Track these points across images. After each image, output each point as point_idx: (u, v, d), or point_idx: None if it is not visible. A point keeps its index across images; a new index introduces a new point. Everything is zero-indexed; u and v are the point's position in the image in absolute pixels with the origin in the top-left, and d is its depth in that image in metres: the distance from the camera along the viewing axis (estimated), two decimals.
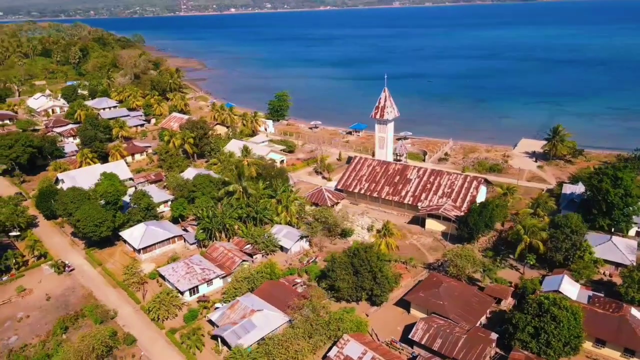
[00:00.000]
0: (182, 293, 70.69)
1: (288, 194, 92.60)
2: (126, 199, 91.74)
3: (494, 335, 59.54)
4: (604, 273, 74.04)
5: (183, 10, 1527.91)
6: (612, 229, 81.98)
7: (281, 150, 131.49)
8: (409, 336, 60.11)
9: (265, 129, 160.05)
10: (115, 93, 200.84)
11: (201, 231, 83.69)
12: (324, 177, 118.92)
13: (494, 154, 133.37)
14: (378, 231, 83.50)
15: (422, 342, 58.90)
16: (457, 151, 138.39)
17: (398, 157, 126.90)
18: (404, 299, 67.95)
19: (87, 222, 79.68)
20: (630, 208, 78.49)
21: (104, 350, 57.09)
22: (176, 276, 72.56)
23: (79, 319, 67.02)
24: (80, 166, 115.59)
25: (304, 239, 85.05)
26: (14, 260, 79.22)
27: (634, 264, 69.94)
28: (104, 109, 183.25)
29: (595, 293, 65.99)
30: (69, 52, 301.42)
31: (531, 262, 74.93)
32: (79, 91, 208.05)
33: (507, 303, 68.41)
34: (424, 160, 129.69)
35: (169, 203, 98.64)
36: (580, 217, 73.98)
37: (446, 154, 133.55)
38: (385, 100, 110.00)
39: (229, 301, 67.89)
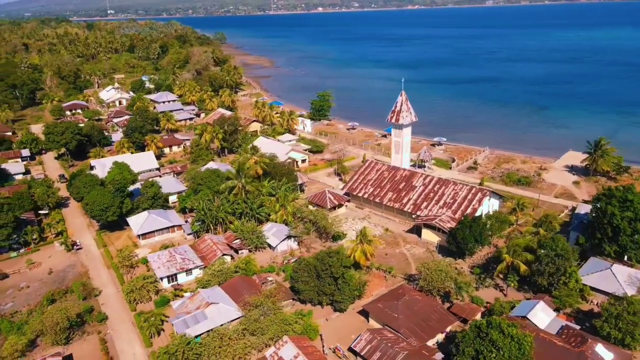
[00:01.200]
0: (161, 279, 75.07)
1: (285, 192, 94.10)
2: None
3: (439, 355, 57.04)
4: (596, 304, 67.34)
5: (272, 9, 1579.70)
6: (625, 257, 73.96)
7: (305, 150, 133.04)
8: (351, 346, 59.41)
9: (304, 128, 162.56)
10: (177, 88, 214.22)
11: (196, 222, 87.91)
12: (341, 179, 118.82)
13: (529, 166, 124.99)
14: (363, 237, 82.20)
15: (362, 353, 57.91)
16: (491, 160, 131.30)
17: (422, 163, 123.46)
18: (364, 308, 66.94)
19: (94, 206, 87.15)
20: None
21: (66, 324, 62.26)
22: (158, 263, 77.15)
23: (67, 293, 73.69)
24: (117, 154, 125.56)
25: (292, 239, 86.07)
26: (33, 236, 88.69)
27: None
28: (162, 102, 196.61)
29: (570, 324, 60.43)
30: (150, 49, 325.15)
31: (511, 284, 70.08)
32: (147, 85, 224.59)
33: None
34: (450, 168, 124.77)
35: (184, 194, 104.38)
36: (565, 240, 67.87)
37: (475, 162, 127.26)
38: (401, 105, 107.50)
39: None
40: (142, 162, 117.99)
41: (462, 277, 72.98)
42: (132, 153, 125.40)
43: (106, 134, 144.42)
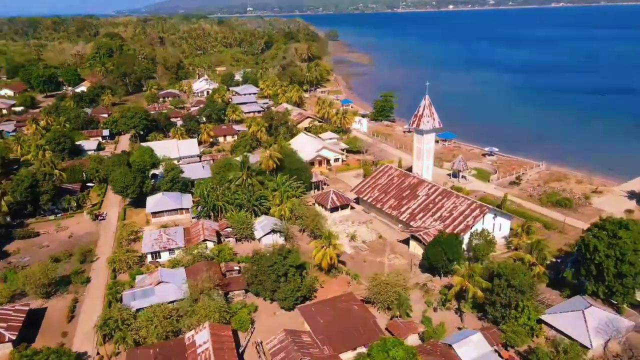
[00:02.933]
0: (145, 255, 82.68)
1: (287, 188, 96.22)
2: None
3: None
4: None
5: (402, 7, 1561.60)
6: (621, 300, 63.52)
7: (343, 149, 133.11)
8: (265, 342, 60.38)
9: (360, 127, 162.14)
10: (262, 81, 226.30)
11: (197, 208, 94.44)
12: None
13: (582, 187, 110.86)
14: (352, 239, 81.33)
15: (270, 352, 58.70)
16: (542, 177, 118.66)
17: (456, 173, 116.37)
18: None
19: (117, 183, 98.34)
20: (630, 278, 59.72)
21: (46, 282, 72.05)
22: (148, 240, 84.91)
23: (71, 256, 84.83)
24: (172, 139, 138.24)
25: (279, 233, 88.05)
26: (71, 204, 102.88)
27: (596, 346, 54.51)
28: (244, 94, 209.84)
29: None
30: (255, 44, 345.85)
31: (465, 310, 64.45)
32: (236, 77, 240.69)
33: (411, 341, 61.23)
34: (489, 181, 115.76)
35: None
36: (526, 270, 60.29)
37: (519, 177, 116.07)
38: (423, 109, 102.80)
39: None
40: (184, 148, 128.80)
41: (429, 295, 69.55)
42: (183, 139, 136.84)
43: (173, 120, 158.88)
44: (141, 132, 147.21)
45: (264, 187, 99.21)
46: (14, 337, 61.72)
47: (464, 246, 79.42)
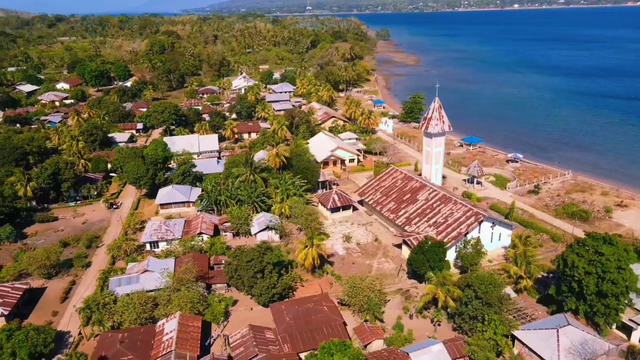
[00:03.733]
0: (144, 244, 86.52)
1: (288, 187, 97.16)
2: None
3: None
4: None
5: (463, 5, 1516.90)
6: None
7: (360, 149, 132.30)
8: (229, 335, 61.74)
9: (387, 128, 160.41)
10: (299, 80, 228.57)
11: (200, 201, 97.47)
12: None
13: (606, 199, 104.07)
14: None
15: (231, 345, 60.01)
16: (565, 186, 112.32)
17: (471, 178, 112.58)
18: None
19: (130, 174, 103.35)
20: (612, 298, 55.64)
21: (47, 263, 77.10)
22: (148, 230, 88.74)
23: (79, 240, 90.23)
24: (196, 134, 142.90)
25: (274, 230, 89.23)
26: (93, 192, 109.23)
27: None
28: (280, 92, 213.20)
29: None
30: (301, 43, 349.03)
31: (437, 319, 62.58)
32: (275, 76, 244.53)
33: (376, 346, 60.58)
34: (505, 189, 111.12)
35: None
36: (495, 282, 57.52)
37: (537, 186, 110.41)
38: (433, 112, 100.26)
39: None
40: (205, 143, 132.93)
41: (408, 302, 68.37)
42: (206, 135, 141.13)
43: (205, 115, 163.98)
44: (171, 126, 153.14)
45: (267, 184, 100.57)
46: (6, 313, 66.71)
47: (455, 254, 77.23)
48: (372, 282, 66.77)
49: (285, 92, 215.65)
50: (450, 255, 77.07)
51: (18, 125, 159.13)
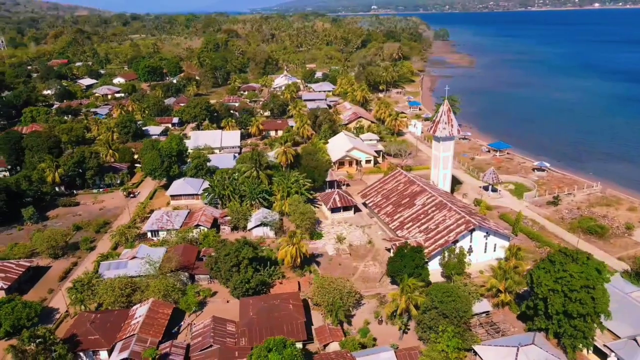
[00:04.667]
0: (146, 232, 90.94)
1: (290, 185, 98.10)
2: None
3: None
4: None
5: (537, 4, 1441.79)
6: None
7: (379, 151, 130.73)
8: (192, 324, 63.85)
9: (415, 130, 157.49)
10: (340, 79, 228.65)
11: (205, 194, 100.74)
12: None
13: (633, 215, 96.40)
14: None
15: (193, 334, 62.11)
16: (590, 198, 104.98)
17: (487, 186, 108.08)
18: None
19: (146, 165, 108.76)
20: (579, 319, 51.74)
21: (54, 244, 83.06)
22: (152, 219, 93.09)
23: (90, 225, 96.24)
24: (223, 129, 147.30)
25: (269, 227, 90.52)
26: (114, 181, 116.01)
27: None
28: (318, 91, 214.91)
29: None
30: (351, 42, 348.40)
31: (398, 326, 61.11)
32: (316, 75, 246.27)
33: (333, 348, 60.29)
34: (523, 198, 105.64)
35: None
36: (455, 293, 55.12)
37: (556, 197, 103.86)
38: (441, 115, 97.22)
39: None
40: (227, 138, 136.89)
41: (383, 307, 67.24)
42: (232, 130, 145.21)
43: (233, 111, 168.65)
44: (203, 121, 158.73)
45: (273, 181, 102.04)
46: (5, 287, 72.71)
47: (438, 262, 74.87)
48: (342, 284, 66.19)
49: (324, 91, 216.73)
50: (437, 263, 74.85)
51: (68, 116, 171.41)
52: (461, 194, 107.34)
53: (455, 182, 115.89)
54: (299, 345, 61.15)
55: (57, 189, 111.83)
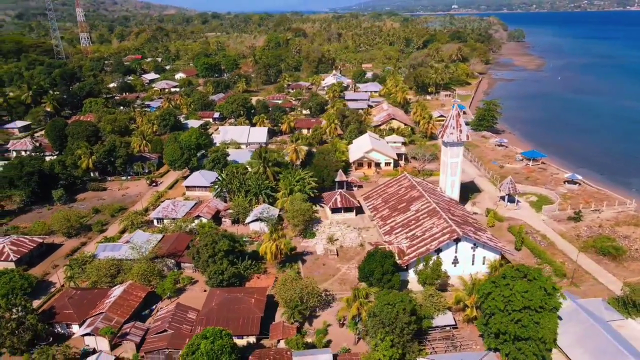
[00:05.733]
0: (152, 219, 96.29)
1: (291, 182, 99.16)
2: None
3: None
4: None
5: (637, 4, 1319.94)
6: None
7: (401, 154, 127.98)
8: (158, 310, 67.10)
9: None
10: (389, 80, 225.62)
11: (215, 187, 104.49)
12: None
13: None
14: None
15: (154, 318, 65.44)
16: (618, 217, 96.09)
17: (504, 196, 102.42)
18: None
19: (167, 157, 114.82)
20: (523, 342, 48.10)
21: (67, 225, 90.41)
22: (160, 208, 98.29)
23: (108, 209, 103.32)
24: (254, 125, 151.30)
25: (265, 222, 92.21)
26: (140, 169, 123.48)
27: None
28: (365, 91, 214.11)
29: None
30: (413, 43, 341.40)
31: (350, 331, 60.15)
32: (367, 75, 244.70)
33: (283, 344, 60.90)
34: (541, 211, 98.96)
35: None
36: (397, 300, 53.16)
37: (578, 212, 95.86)
38: (450, 119, 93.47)
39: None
40: (254, 134, 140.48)
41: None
42: (263, 126, 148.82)
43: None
44: (239, 117, 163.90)
45: (279, 178, 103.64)
46: (15, 259, 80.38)
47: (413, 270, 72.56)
48: (305, 284, 66.28)
49: (370, 91, 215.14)
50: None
51: (121, 107, 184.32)
52: (473, 202, 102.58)
53: (474, 190, 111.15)
54: (253, 339, 62.63)
55: (91, 174, 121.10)
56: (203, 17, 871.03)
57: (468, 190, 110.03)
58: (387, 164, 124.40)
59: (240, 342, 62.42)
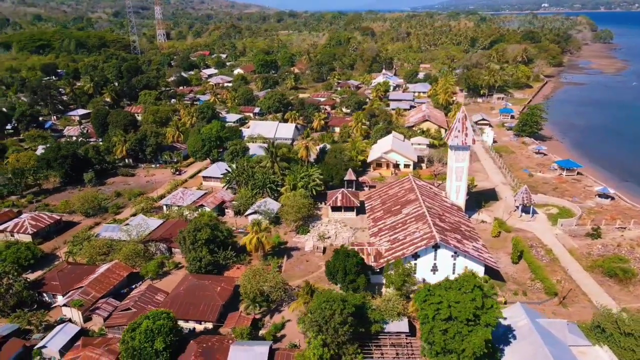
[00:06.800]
0: (162, 205, 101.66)
1: (298, 178, 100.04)
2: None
3: None
4: None
5: None
6: None
7: (425, 156, 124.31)
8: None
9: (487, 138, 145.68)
10: (441, 81, 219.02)
11: (226, 179, 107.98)
12: None
13: None
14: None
15: (126, 297, 69.22)
16: None
17: (523, 207, 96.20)
18: None
19: (189, 147, 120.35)
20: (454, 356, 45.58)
21: (87, 206, 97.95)
22: (171, 195, 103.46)
23: (128, 193, 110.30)
24: (286, 122, 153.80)
25: (262, 215, 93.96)
26: (168, 158, 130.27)
27: None
28: (413, 92, 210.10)
29: None
30: (478, 43, 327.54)
31: (299, 328, 60.02)
32: (419, 75, 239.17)
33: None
34: (558, 225, 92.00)
35: None
36: (328, 301, 52.13)
37: (597, 229, 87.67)
38: (456, 122, 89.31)
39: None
40: (282, 130, 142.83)
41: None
42: (294, 122, 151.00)
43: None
44: (276, 112, 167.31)
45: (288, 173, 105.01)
46: (32, 232, 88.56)
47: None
48: (268, 277, 67.07)
49: (417, 92, 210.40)
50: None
51: (172, 100, 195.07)
52: (486, 211, 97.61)
53: (493, 198, 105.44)
54: (210, 325, 64.60)
55: (125, 160, 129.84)
56: (279, 15, 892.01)
57: (486, 197, 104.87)
58: (407, 165, 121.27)
59: (199, 327, 64.87)
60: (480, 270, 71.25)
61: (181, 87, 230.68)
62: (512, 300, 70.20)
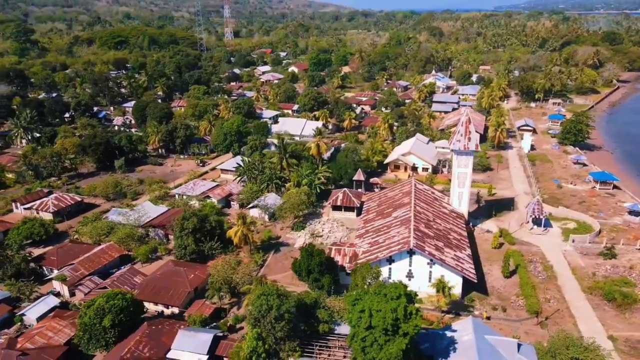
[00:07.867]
0: (175, 194, 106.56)
1: (301, 175, 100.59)
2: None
3: None
4: None
5: None
6: None
7: (444, 160, 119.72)
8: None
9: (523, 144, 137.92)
10: (494, 83, 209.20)
11: (237, 172, 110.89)
12: None
13: None
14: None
15: (110, 277, 73.59)
16: None
17: (536, 219, 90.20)
18: None
19: (212, 141, 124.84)
20: None
21: (110, 192, 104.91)
22: (185, 185, 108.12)
23: (149, 181, 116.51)
24: (317, 120, 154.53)
25: (262, 210, 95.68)
26: (195, 150, 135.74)
27: None
28: (461, 94, 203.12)
29: None
30: (549, 44, 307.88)
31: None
32: (473, 78, 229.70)
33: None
34: (571, 241, 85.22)
35: None
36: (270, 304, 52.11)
37: (611, 249, 79.97)
38: (459, 126, 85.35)
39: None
40: (309, 127, 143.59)
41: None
42: (320, 121, 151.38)
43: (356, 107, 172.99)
44: (312, 110, 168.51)
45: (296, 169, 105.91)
46: (52, 211, 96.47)
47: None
48: (238, 269, 68.43)
49: (466, 94, 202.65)
50: None
51: (217, 95, 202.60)
52: (484, 220, 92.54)
53: (509, 207, 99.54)
54: (176, 310, 67.21)
55: (159, 150, 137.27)
56: (352, 14, 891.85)
57: (502, 207, 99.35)
58: (425, 169, 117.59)
59: (167, 311, 67.69)
60: (457, 281, 67.96)
61: (232, 83, 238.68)
62: (491, 314, 66.47)
